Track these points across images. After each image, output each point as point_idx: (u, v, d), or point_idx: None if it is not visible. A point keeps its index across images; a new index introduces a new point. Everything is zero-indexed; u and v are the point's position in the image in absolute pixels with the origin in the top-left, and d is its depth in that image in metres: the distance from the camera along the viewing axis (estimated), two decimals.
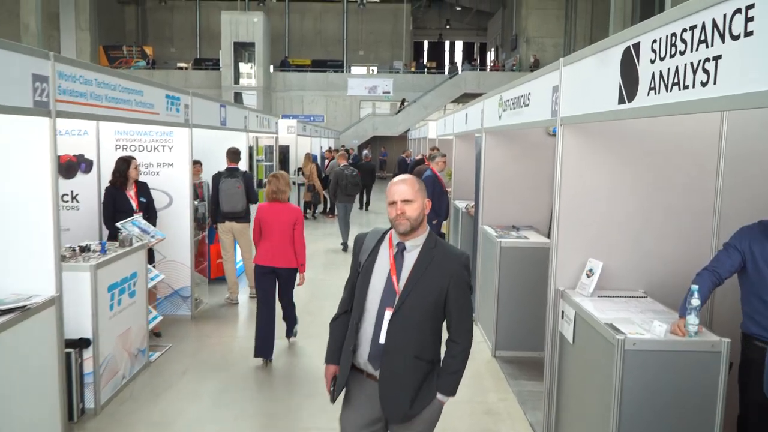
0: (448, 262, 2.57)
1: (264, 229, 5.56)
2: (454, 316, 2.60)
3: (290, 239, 5.55)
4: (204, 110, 7.15)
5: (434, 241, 2.61)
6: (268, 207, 5.61)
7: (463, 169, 9.29)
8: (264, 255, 5.55)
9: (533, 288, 5.73)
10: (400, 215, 2.51)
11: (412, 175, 2.64)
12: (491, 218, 6.65)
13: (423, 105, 33.13)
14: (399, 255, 2.60)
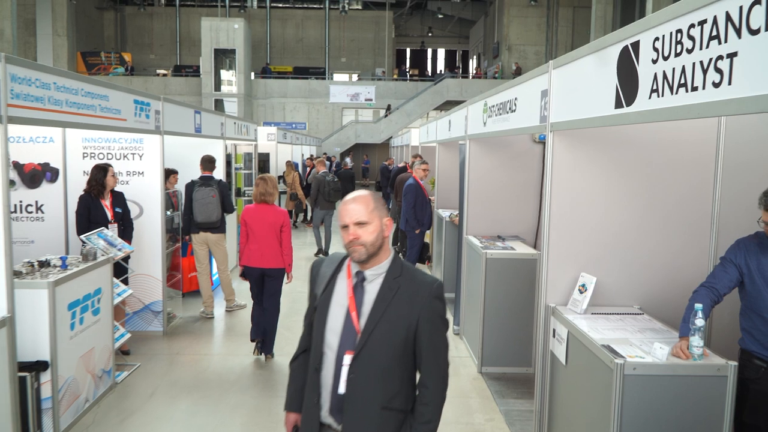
0: (417, 292, 2.16)
1: (251, 231, 5.66)
2: (425, 355, 2.18)
3: (277, 240, 5.67)
4: (177, 116, 6.85)
5: (400, 268, 2.20)
6: (256, 209, 5.70)
7: (447, 177, 9.07)
8: (252, 257, 5.66)
9: (520, 301, 5.52)
10: (353, 241, 2.12)
11: (367, 192, 2.23)
12: (476, 228, 6.43)
13: (405, 112, 32.98)
14: (359, 286, 2.19)
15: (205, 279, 7.24)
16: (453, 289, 8.16)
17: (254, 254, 5.65)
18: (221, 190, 7.13)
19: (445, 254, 8.38)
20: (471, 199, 6.39)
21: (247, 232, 5.69)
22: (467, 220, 6.43)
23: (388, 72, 38.06)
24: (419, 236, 8.37)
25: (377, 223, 2.15)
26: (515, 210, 6.44)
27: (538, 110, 3.80)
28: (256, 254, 5.64)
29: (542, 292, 3.69)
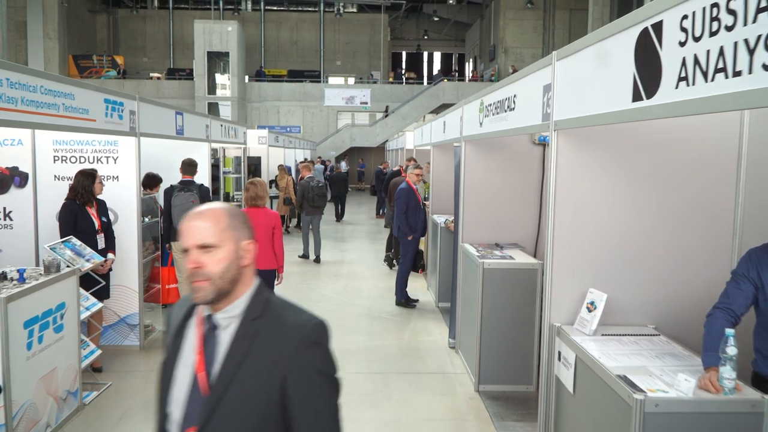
0: (282, 338, 1.57)
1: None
2: (302, 430, 1.55)
3: (269, 243, 5.71)
4: (155, 117, 6.47)
5: (261, 306, 1.61)
6: (247, 212, 5.65)
7: (442, 181, 8.71)
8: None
9: (520, 314, 5.14)
10: (195, 272, 1.55)
11: (222, 205, 1.67)
12: (472, 235, 6.05)
13: (401, 116, 32.63)
14: (210, 336, 1.60)
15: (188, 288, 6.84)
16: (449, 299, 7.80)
17: None
18: (202, 195, 6.75)
19: (440, 262, 8.01)
20: (467, 204, 6.02)
21: None
22: (463, 227, 6.06)
23: (383, 75, 37.73)
24: (412, 243, 7.99)
25: (230, 247, 1.57)
26: (514, 216, 6.07)
27: (539, 107, 3.42)
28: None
29: (546, 309, 3.31)
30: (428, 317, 7.54)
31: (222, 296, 1.57)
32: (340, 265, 11.01)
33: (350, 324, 7.20)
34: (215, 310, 1.60)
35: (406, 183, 8.06)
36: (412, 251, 8.02)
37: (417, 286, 9.01)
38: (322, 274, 10.05)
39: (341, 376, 1.67)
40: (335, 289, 8.96)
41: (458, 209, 6.14)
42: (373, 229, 16.47)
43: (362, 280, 9.63)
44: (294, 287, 9.00)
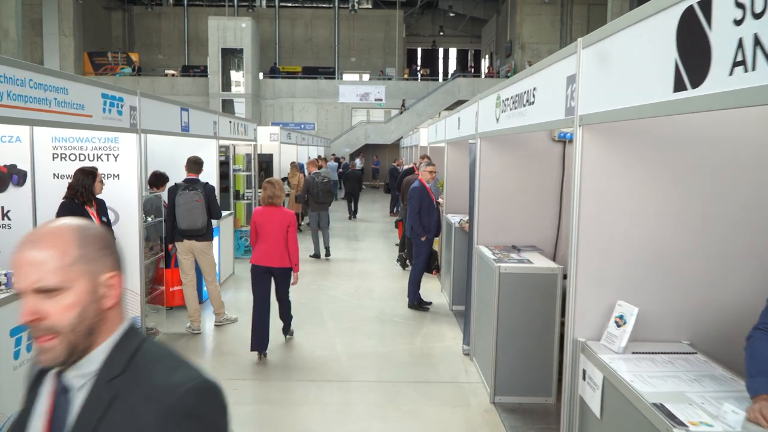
0: (144, 406, 1.14)
1: (260, 232, 5.88)
2: None
3: (284, 241, 5.86)
4: (159, 113, 6.24)
5: (124, 361, 1.19)
6: (264, 211, 5.94)
7: (457, 180, 8.40)
8: (260, 256, 5.91)
9: (539, 321, 4.84)
10: (34, 325, 1.15)
11: (70, 224, 1.21)
12: (488, 237, 5.75)
13: (416, 112, 32.32)
14: (61, 398, 1.21)
15: (191, 291, 6.62)
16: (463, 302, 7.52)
17: (262, 254, 5.89)
18: (207, 194, 6.51)
19: (454, 263, 7.71)
20: (482, 204, 5.72)
21: (257, 232, 5.90)
22: (478, 228, 5.76)
23: (398, 72, 37.41)
24: (426, 244, 7.71)
25: (84, 286, 1.16)
26: (532, 217, 5.76)
27: (562, 101, 3.12)
28: (264, 254, 5.88)
29: (569, 323, 3.01)
30: (441, 321, 7.25)
31: (77, 354, 1.17)
32: (352, 264, 10.75)
33: (361, 327, 6.93)
34: (65, 368, 1.20)
35: (419, 181, 7.77)
36: (426, 252, 7.74)
37: (430, 287, 8.73)
38: (333, 274, 9.79)
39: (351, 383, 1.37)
40: (346, 291, 8.70)
41: (473, 209, 5.85)
42: (387, 227, 16.20)
43: (374, 281, 9.36)
44: (305, 288, 8.75)
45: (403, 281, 9.01)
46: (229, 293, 8.48)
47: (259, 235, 5.89)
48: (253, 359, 5.87)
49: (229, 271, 9.51)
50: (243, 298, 8.32)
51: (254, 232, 5.92)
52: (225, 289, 8.68)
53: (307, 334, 6.65)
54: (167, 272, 6.73)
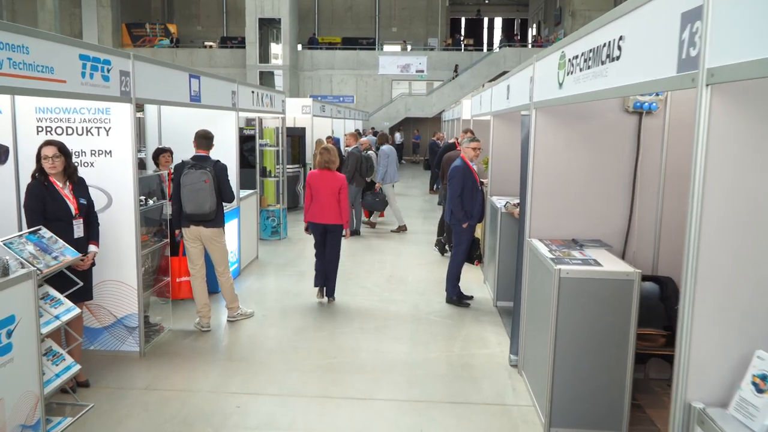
0: None
1: (315, 193, 6.54)
2: None
3: (337, 201, 6.52)
4: (160, 81, 5.42)
5: None
6: (319, 174, 6.61)
7: (504, 158, 7.40)
8: (315, 214, 6.58)
9: (609, 336, 3.89)
10: None
11: None
12: (543, 228, 4.77)
13: (459, 84, 31.01)
14: None
15: (199, 283, 5.85)
16: (510, 297, 6.59)
17: (317, 212, 6.55)
18: (217, 173, 5.68)
19: (499, 254, 6.75)
20: (536, 188, 4.73)
21: (311, 194, 6.55)
22: (531, 218, 4.78)
23: (441, 42, 35.97)
24: (468, 231, 6.75)
25: None
26: (597, 205, 4.76)
27: (673, 50, 2.13)
28: (319, 212, 6.54)
29: (679, 377, 2.06)
30: (484, 321, 6.32)
31: None
32: (386, 248, 9.87)
33: (391, 328, 6.06)
34: None
35: (461, 159, 6.79)
36: (467, 240, 6.79)
37: (471, 278, 7.79)
38: (365, 261, 8.93)
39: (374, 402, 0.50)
40: (378, 281, 7.83)
41: (525, 195, 4.87)
42: (426, 205, 15.24)
43: (409, 270, 8.47)
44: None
45: (441, 270, 8.09)
46: (249, 281, 7.72)
47: (314, 196, 6.53)
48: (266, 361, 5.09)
49: (251, 255, 8.76)
50: (265, 287, 7.55)
51: (309, 193, 6.55)
52: (246, 276, 7.93)
53: (328, 336, 5.82)
54: (174, 261, 5.97)
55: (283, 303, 6.85)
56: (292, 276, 8.01)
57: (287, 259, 9.05)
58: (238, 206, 7.87)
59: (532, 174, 4.73)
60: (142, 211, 5.35)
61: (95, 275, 4.93)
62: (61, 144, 4.36)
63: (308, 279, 7.60)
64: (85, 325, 5.14)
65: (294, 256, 9.20)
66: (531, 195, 4.75)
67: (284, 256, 9.21)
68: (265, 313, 6.47)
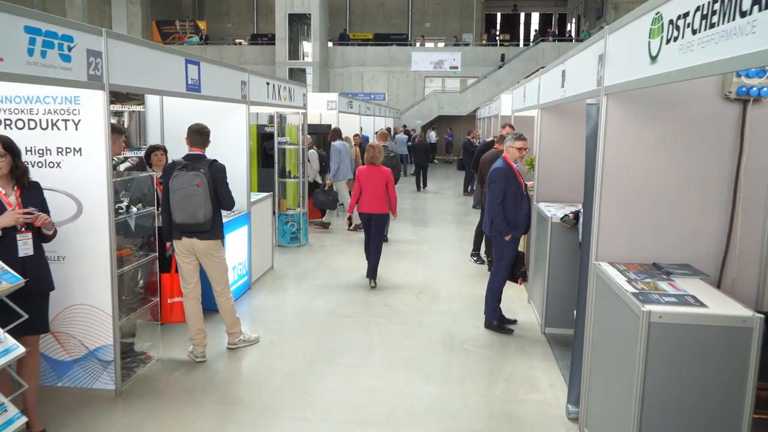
0: None
1: (364, 186, 7.19)
2: None
3: (384, 193, 7.19)
4: (145, 65, 4.53)
5: None
6: (367, 169, 7.25)
7: (553, 157, 6.36)
8: (364, 205, 7.23)
9: (716, 399, 2.84)
10: None
11: None
12: (615, 249, 3.74)
13: (495, 81, 29.80)
14: None
15: (193, 306, 4.95)
16: (562, 323, 5.60)
17: (366, 203, 7.21)
18: (213, 175, 4.78)
19: (549, 271, 5.71)
20: (607, 198, 3.70)
21: (360, 187, 7.20)
22: (599, 235, 3.75)
23: (476, 38, 34.78)
24: (511, 244, 5.73)
25: None
26: (684, 219, 3.70)
27: None
28: (367, 203, 7.20)
29: None
30: (531, 352, 5.29)
31: None
32: (416, 257, 8.88)
33: (419, 360, 5.08)
34: None
35: (503, 160, 5.77)
36: (510, 255, 5.76)
37: (514, 295, 6.76)
38: (393, 272, 7.97)
39: None
40: (405, 298, 6.85)
41: (591, 205, 3.83)
42: (459, 208, 14.20)
43: (442, 283, 7.47)
44: (354, 292, 6.98)
45: (478, 284, 7.09)
46: (259, 296, 6.82)
47: (363, 189, 7.22)
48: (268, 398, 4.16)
49: (265, 266, 7.86)
50: (277, 304, 6.63)
51: (358, 186, 7.24)
52: (257, 290, 7.03)
53: (344, 370, 4.86)
54: (165, 278, 5.08)
55: (296, 324, 5.92)
56: (310, 290, 7.08)
57: (306, 269, 8.13)
58: (248, 212, 6.98)
59: (600, 179, 3.69)
60: (122, 221, 4.47)
61: (62, 299, 4.08)
62: (6, 139, 3.49)
63: (327, 294, 6.72)
64: (53, 357, 4.31)
65: (313, 266, 8.27)
66: (599, 206, 3.72)
67: (303, 266, 8.29)
68: (273, 337, 5.55)
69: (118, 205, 4.53)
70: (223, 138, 6.86)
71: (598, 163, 3.71)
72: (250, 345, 5.31)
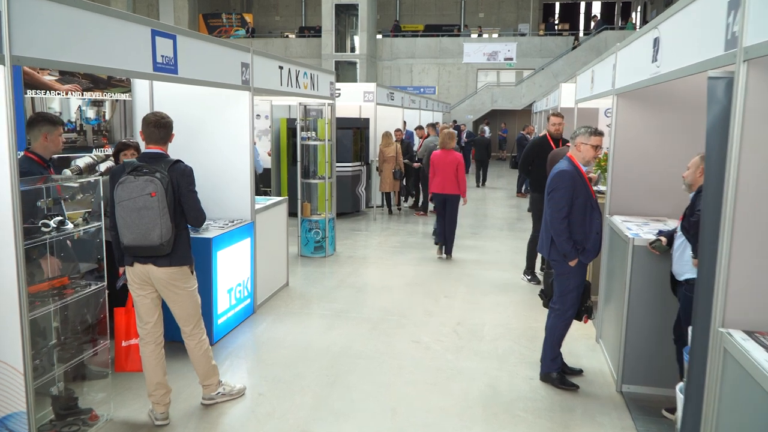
0: None
1: (437, 169, 8.03)
2: None
3: (455, 175, 7.97)
4: (78, 32, 3.35)
5: None
6: (440, 153, 8.10)
7: (633, 157, 4.93)
8: (437, 186, 8.08)
9: None
10: None
11: None
12: (753, 310, 2.33)
13: (552, 73, 27.94)
14: None
15: (152, 351, 3.76)
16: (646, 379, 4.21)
17: (439, 185, 8.05)
18: (174, 182, 3.56)
19: (629, 312, 4.28)
20: (744, 226, 2.31)
21: (434, 170, 8.06)
22: (728, 287, 2.35)
23: (532, 28, 32.88)
24: (577, 272, 4.33)
25: None
26: None
27: None
28: (440, 185, 8.04)
29: None
30: (605, 424, 3.89)
31: None
32: (458, 273, 7.53)
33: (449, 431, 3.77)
34: None
35: (569, 161, 4.37)
36: (577, 288, 4.35)
37: (576, 333, 5.35)
38: (428, 294, 6.66)
39: None
40: (440, 331, 5.53)
41: (715, 236, 2.43)
42: (512, 213, 12.72)
43: (487, 312, 6.10)
44: (380, 319, 5.70)
45: (532, 314, 5.72)
46: (261, 326, 5.61)
47: (437, 172, 7.92)
48: None
49: (278, 283, 6.67)
50: (279, 337, 5.36)
51: (433, 169, 7.98)
52: (261, 317, 5.83)
53: None
54: (119, 315, 3.92)
55: (297, 368, 4.68)
56: (325, 316, 5.84)
57: (326, 287, 6.89)
58: (252, 221, 5.79)
59: (733, 196, 2.30)
60: (57, 240, 3.32)
61: None
62: None
63: (345, 322, 5.53)
64: None
65: (336, 283, 7.03)
66: (729, 239, 2.32)
67: (323, 283, 7.06)
68: (263, 389, 4.32)
69: (42, 221, 3.38)
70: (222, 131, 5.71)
71: (730, 171, 2.31)
72: (232, 399, 4.10)
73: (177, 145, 5.60)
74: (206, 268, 4.95)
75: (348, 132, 11.15)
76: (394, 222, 11.34)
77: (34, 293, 3.31)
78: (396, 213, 12.29)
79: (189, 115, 5.68)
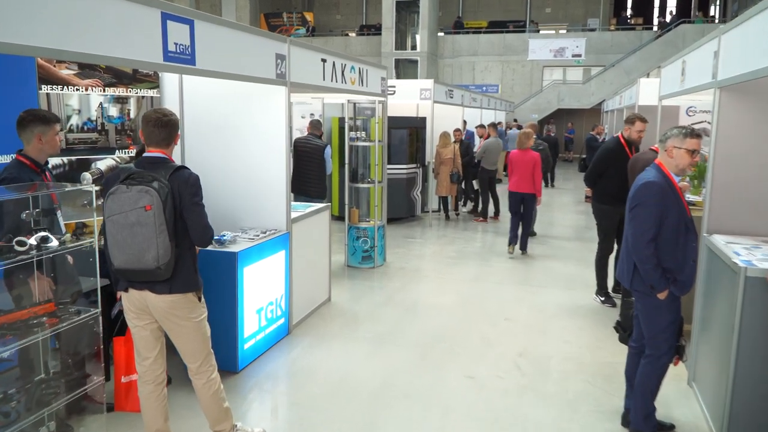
0: None
1: (515, 168, 8.19)
2: None
3: (531, 175, 8.11)
4: (71, 14, 2.80)
5: None
6: (518, 152, 8.22)
7: (740, 165, 4.03)
8: (514, 185, 8.24)
9: None
10: None
11: None
12: None
13: (624, 70, 26.40)
14: None
15: (152, 392, 3.18)
16: None
17: (515, 183, 8.21)
18: (175, 193, 2.96)
19: (738, 355, 3.41)
20: None
21: (512, 168, 8.21)
22: None
23: (603, 22, 31.28)
24: (669, 307, 3.48)
25: None
26: None
27: None
28: (517, 183, 8.19)
29: None
30: None
31: None
32: (520, 291, 6.72)
33: None
34: None
35: (658, 170, 3.53)
36: (672, 326, 3.51)
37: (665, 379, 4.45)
38: (486, 315, 5.90)
39: None
40: (498, 366, 4.76)
41: None
42: (581, 220, 11.72)
43: (554, 341, 5.29)
44: (429, 345, 4.98)
45: (607, 345, 4.87)
46: (295, 351, 4.98)
47: (514, 170, 8.19)
48: None
49: (319, 299, 6.05)
50: (312, 366, 4.70)
51: (511, 168, 8.25)
52: (296, 339, 5.22)
53: None
54: (118, 345, 3.37)
55: (328, 410, 4.00)
56: (366, 341, 5.17)
57: (372, 304, 6.23)
58: (287, 231, 5.18)
59: None
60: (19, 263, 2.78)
61: None
62: None
63: (388, 349, 4.87)
64: None
65: (383, 300, 6.36)
66: None
67: (369, 299, 6.40)
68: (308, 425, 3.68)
69: (18, 239, 2.84)
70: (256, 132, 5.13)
71: None
72: None
73: (211, 147, 5.08)
74: (230, 286, 4.35)
75: (403, 132, 10.46)
76: (451, 228, 10.57)
77: (9, 323, 2.77)
78: (453, 218, 11.52)
79: (221, 113, 5.14)
